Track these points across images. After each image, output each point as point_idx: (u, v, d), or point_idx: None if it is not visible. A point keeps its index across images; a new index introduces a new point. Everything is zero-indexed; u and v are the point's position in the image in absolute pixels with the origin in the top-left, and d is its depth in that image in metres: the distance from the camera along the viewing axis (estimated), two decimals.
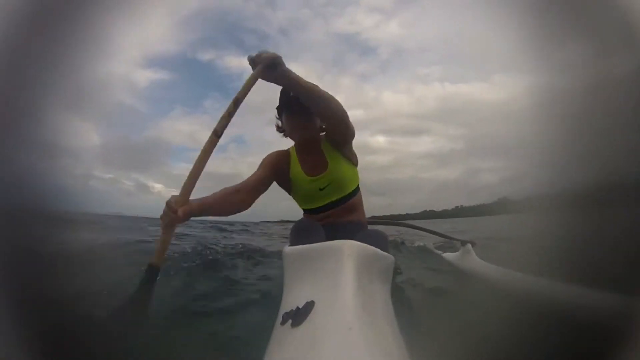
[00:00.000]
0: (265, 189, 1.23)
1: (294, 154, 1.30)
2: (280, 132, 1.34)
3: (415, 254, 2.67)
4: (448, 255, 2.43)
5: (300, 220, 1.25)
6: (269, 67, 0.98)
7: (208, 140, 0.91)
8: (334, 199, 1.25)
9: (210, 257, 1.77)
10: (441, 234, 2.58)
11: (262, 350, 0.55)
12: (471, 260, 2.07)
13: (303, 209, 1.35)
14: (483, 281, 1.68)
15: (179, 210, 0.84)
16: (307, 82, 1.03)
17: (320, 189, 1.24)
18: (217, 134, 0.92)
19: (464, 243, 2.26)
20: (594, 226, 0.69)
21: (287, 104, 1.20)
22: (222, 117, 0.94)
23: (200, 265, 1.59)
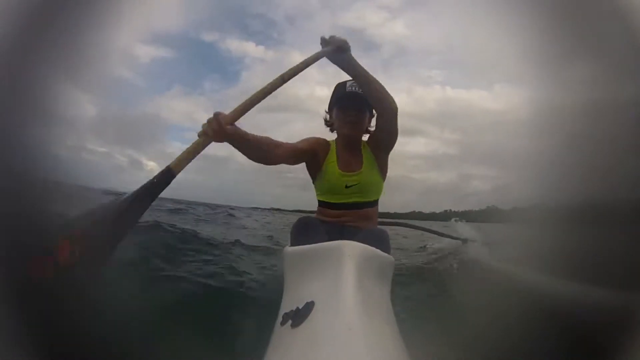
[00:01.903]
0: (295, 161, 1.24)
1: (333, 146, 1.32)
2: (328, 126, 1.36)
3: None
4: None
5: (300, 220, 1.24)
6: (339, 49, 1.04)
7: (275, 80, 0.95)
8: (355, 200, 1.26)
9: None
10: (442, 234, 2.58)
11: (262, 351, 0.55)
12: (471, 259, 2.07)
13: (320, 201, 1.34)
14: (484, 280, 1.67)
15: (225, 125, 0.84)
16: (368, 74, 1.09)
17: (347, 187, 1.25)
18: (283, 78, 0.96)
19: (465, 242, 2.27)
20: (586, 237, 0.69)
21: (341, 99, 1.24)
22: (292, 69, 0.98)
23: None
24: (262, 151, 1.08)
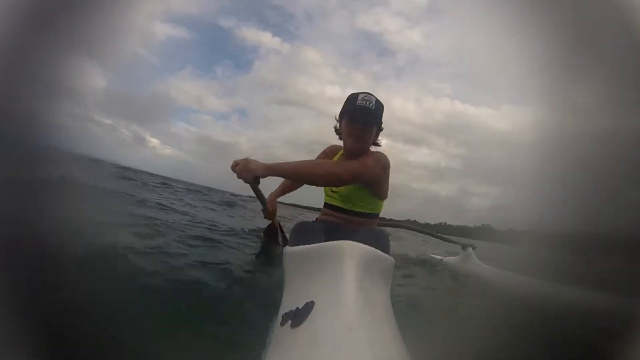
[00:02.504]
0: None
1: (339, 154, 1.47)
2: (337, 134, 1.41)
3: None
4: (449, 259, 2.43)
5: (300, 222, 1.26)
6: (242, 178, 1.09)
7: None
8: (338, 205, 1.36)
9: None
10: (443, 237, 2.57)
11: (262, 351, 0.54)
12: (472, 263, 2.06)
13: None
14: (484, 284, 1.67)
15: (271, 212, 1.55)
16: (292, 165, 1.10)
17: (332, 190, 1.38)
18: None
19: (465, 247, 2.26)
20: (581, 265, 0.69)
21: (350, 111, 1.26)
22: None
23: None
24: (294, 185, 1.59)
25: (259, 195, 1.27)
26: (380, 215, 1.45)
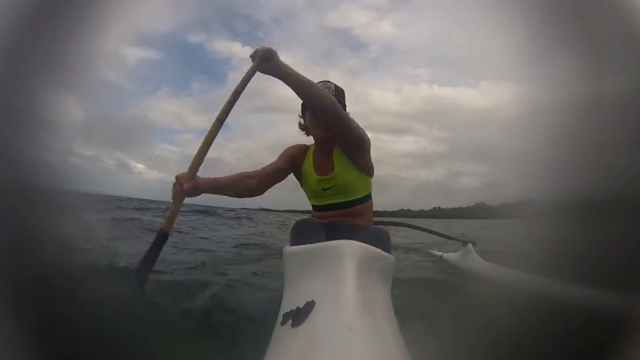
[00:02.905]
0: (281, 179, 1.33)
1: (310, 151, 1.35)
2: (303, 129, 1.37)
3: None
4: (449, 255, 2.43)
5: (300, 220, 1.25)
6: (264, 60, 1.05)
7: (212, 125, 1.06)
8: (337, 201, 1.28)
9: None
10: (442, 234, 2.57)
11: (262, 351, 0.55)
12: (472, 260, 2.06)
13: (311, 204, 1.38)
14: (484, 281, 1.67)
15: (185, 184, 1.01)
16: (302, 77, 1.06)
17: (324, 189, 1.28)
18: (220, 119, 1.07)
19: (465, 243, 2.26)
20: (579, 234, 0.69)
21: None
22: (224, 105, 1.08)
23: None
24: (240, 188, 1.22)
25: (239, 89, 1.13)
26: (377, 211, 1.42)
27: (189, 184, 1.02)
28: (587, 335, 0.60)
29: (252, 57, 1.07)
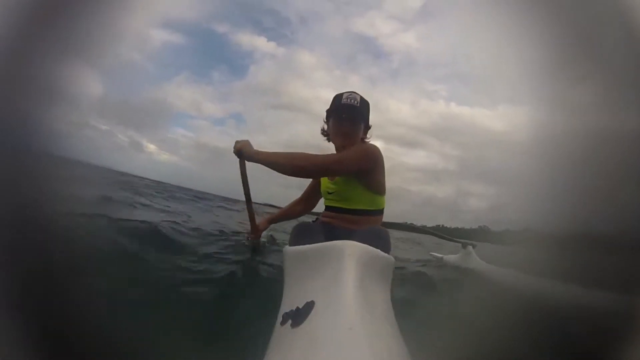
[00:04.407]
0: (318, 191, 1.52)
1: None
2: (324, 135, 1.43)
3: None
4: (450, 257, 2.43)
5: (299, 223, 1.25)
6: (238, 156, 1.31)
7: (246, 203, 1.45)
8: (339, 206, 1.35)
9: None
10: (443, 236, 2.57)
11: (262, 351, 0.55)
12: (473, 261, 2.07)
13: None
14: (484, 282, 1.67)
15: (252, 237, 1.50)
16: (275, 155, 1.23)
17: (329, 193, 1.38)
18: (246, 194, 1.42)
19: (465, 245, 2.26)
20: (578, 264, 0.69)
21: (336, 110, 1.30)
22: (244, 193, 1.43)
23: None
24: (295, 214, 1.66)
25: (243, 178, 1.39)
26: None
27: (255, 236, 1.51)
28: (587, 336, 0.60)
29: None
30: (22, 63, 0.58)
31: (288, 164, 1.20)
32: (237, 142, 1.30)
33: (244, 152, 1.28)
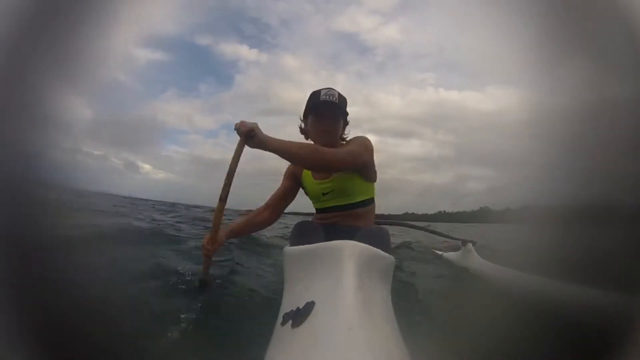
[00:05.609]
0: (293, 197, 1.38)
1: None
2: (303, 134, 1.36)
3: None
4: (449, 255, 2.43)
5: (299, 223, 1.25)
6: (247, 138, 1.03)
7: (217, 205, 1.05)
8: (337, 204, 1.30)
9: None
10: (442, 234, 2.58)
11: (262, 351, 0.55)
12: (472, 259, 2.07)
13: (314, 207, 1.41)
14: (484, 280, 1.68)
15: (211, 248, 1.08)
16: (289, 144, 1.05)
17: (324, 194, 1.30)
18: (221, 199, 1.05)
19: (465, 242, 2.26)
20: (581, 239, 0.69)
21: (315, 108, 1.24)
22: (223, 186, 1.06)
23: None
24: (258, 225, 1.33)
25: (233, 163, 1.07)
26: (379, 212, 1.42)
27: (213, 247, 1.09)
28: (587, 335, 0.60)
29: (236, 130, 1.04)
30: (8, 91, 0.58)
31: (315, 157, 1.08)
32: (244, 122, 1.04)
33: (256, 136, 1.03)
